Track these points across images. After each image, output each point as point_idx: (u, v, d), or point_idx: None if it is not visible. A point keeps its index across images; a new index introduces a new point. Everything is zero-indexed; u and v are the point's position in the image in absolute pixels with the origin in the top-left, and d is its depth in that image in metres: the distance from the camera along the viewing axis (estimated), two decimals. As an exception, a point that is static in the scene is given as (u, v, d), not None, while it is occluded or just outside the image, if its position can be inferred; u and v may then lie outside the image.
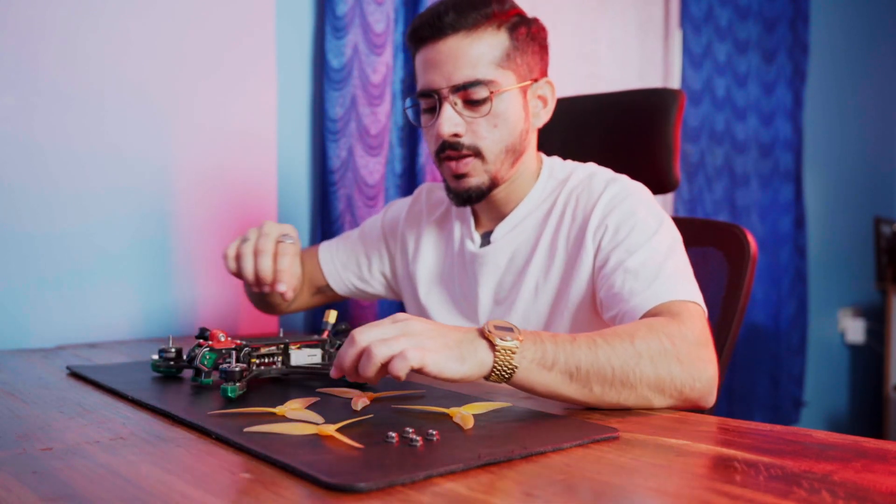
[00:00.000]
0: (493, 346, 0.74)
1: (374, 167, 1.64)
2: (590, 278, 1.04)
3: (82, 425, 0.72)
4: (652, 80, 2.52)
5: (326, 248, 1.31)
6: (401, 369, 0.70)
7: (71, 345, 1.27)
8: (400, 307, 1.71)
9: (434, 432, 0.65)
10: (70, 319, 1.31)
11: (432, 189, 1.28)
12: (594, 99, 1.38)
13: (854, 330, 3.35)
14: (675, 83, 2.54)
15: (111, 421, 0.73)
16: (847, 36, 3.27)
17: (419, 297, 1.21)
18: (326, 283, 1.30)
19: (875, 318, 3.41)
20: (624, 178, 1.09)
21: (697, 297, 0.95)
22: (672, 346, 0.83)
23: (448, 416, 0.74)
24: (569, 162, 1.16)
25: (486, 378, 0.76)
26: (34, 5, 1.27)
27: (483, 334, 0.75)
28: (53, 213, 1.29)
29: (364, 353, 0.72)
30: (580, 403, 0.81)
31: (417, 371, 0.71)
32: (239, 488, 0.55)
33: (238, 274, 1.08)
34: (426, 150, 1.71)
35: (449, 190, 1.10)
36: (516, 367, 0.75)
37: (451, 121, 1.03)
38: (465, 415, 0.73)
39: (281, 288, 1.05)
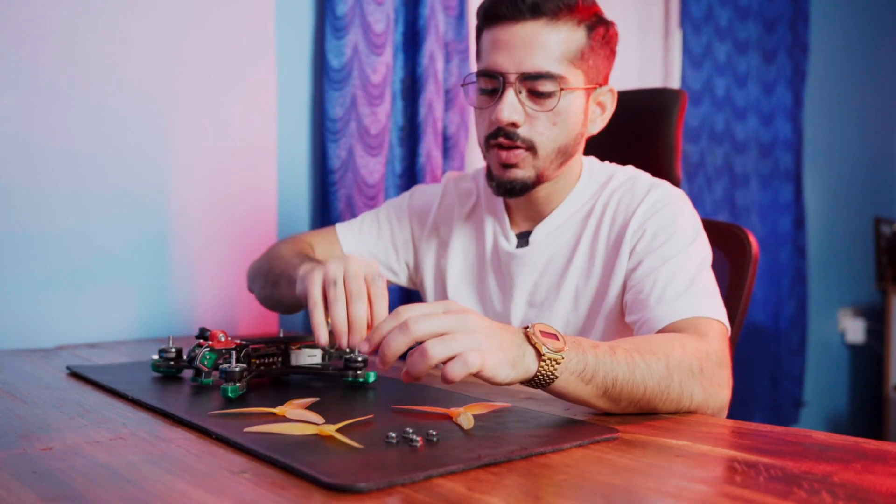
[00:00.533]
0: (539, 354, 0.72)
1: (374, 167, 1.64)
2: (623, 281, 1.02)
3: (82, 425, 0.71)
4: (652, 80, 2.52)
5: (348, 234, 1.23)
6: (458, 374, 0.67)
7: (71, 345, 1.27)
8: (414, 298, 1.70)
9: (434, 432, 0.65)
10: (70, 319, 1.31)
11: (458, 180, 1.24)
12: (594, 99, 1.38)
13: (854, 330, 3.34)
14: (675, 83, 2.54)
15: (111, 421, 0.73)
16: (847, 36, 3.27)
17: (447, 293, 1.18)
18: None
19: (875, 318, 3.41)
20: (666, 183, 1.07)
21: (723, 315, 0.93)
22: (700, 369, 0.83)
23: (448, 417, 0.74)
24: (607, 163, 1.14)
25: (527, 384, 0.74)
26: (34, 5, 1.27)
27: (530, 340, 0.73)
28: (53, 213, 1.29)
29: (418, 350, 0.68)
30: (601, 410, 0.80)
31: (473, 374, 0.68)
32: (239, 488, 0.55)
33: (318, 326, 0.84)
34: (426, 150, 1.71)
35: (491, 178, 1.06)
36: (557, 378, 0.73)
37: (512, 108, 0.99)
38: (465, 415, 0.73)
39: (363, 347, 0.78)
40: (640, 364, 0.78)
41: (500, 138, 1.01)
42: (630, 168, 1.13)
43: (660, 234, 1.00)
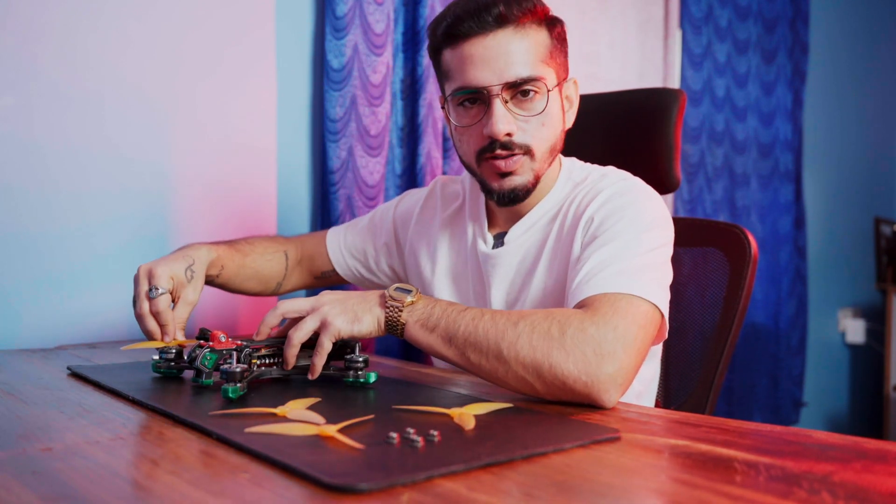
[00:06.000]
0: (385, 304, 0.88)
1: (374, 167, 1.64)
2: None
3: (82, 425, 0.71)
4: (652, 80, 2.52)
5: (334, 235, 1.31)
6: (321, 354, 0.87)
7: (71, 345, 1.27)
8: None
9: (435, 433, 0.65)
10: (70, 319, 1.31)
11: (447, 183, 1.25)
12: (594, 99, 1.38)
13: (854, 330, 3.35)
14: (674, 83, 2.54)
15: (111, 421, 0.73)
16: (847, 36, 3.28)
17: (433, 295, 1.19)
18: (332, 269, 1.30)
19: (875, 318, 3.41)
20: (634, 179, 1.06)
21: (653, 295, 0.89)
22: (560, 334, 0.82)
23: (449, 417, 0.74)
24: (587, 164, 1.14)
25: (388, 332, 0.89)
26: (34, 5, 1.27)
27: (382, 295, 0.90)
28: (53, 213, 1.29)
29: (286, 342, 0.89)
30: (462, 368, 0.87)
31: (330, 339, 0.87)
32: (239, 488, 0.55)
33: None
34: (426, 150, 1.71)
35: (490, 191, 1.06)
36: (404, 324, 0.88)
37: (505, 119, 0.99)
38: (466, 415, 0.73)
39: (166, 339, 1.01)
40: (487, 320, 0.85)
41: (496, 150, 1.01)
42: (608, 168, 1.12)
43: (606, 223, 0.98)
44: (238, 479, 0.57)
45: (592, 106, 1.37)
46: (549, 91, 1.01)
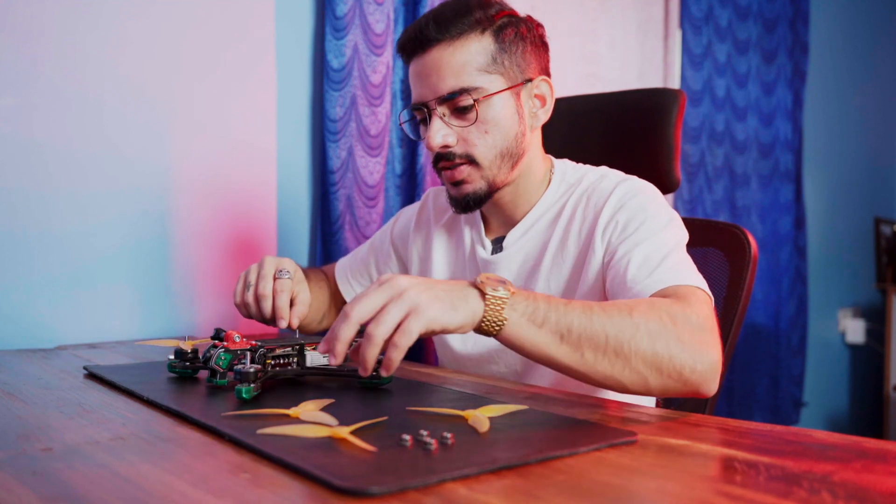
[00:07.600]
0: (484, 295, 0.74)
1: (374, 167, 1.64)
2: (598, 275, 1.02)
3: (82, 425, 0.71)
4: (652, 80, 2.52)
5: (341, 269, 1.33)
6: (405, 344, 0.71)
7: (71, 345, 1.27)
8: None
9: (449, 435, 0.64)
10: (70, 319, 1.31)
11: (438, 193, 1.27)
12: (594, 99, 1.38)
13: (854, 330, 3.35)
14: (675, 83, 2.54)
15: (111, 421, 0.73)
16: (847, 36, 3.28)
17: None
18: (345, 302, 1.32)
19: (875, 318, 3.41)
20: (634, 177, 1.08)
21: (703, 284, 0.92)
22: (673, 325, 0.80)
23: (463, 419, 0.73)
24: (580, 165, 1.15)
25: (478, 330, 0.75)
26: (34, 5, 1.27)
27: (475, 285, 0.75)
28: (53, 213, 1.29)
29: (364, 337, 0.72)
30: (572, 371, 0.78)
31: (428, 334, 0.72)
32: (239, 488, 0.55)
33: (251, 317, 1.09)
34: (426, 150, 1.71)
35: (449, 197, 1.10)
36: (506, 320, 0.75)
37: (440, 133, 1.03)
38: (480, 417, 0.72)
39: (281, 324, 1.05)
40: (599, 312, 0.78)
41: (441, 161, 1.06)
42: (602, 168, 1.13)
43: (631, 223, 1.00)
44: (238, 479, 0.57)
45: (592, 106, 1.37)
46: (491, 97, 1.02)
